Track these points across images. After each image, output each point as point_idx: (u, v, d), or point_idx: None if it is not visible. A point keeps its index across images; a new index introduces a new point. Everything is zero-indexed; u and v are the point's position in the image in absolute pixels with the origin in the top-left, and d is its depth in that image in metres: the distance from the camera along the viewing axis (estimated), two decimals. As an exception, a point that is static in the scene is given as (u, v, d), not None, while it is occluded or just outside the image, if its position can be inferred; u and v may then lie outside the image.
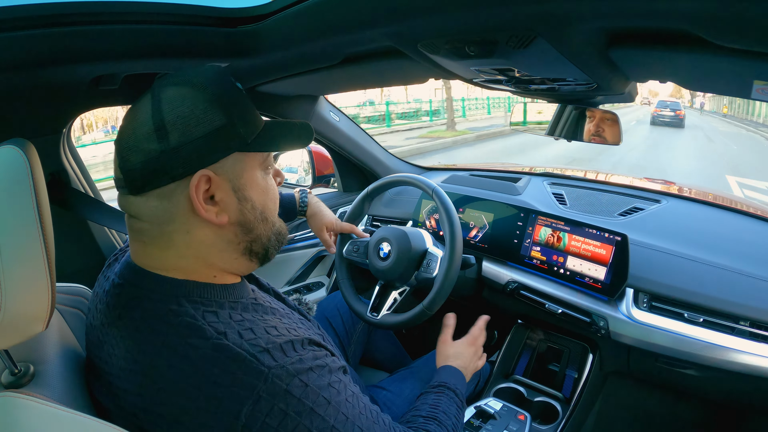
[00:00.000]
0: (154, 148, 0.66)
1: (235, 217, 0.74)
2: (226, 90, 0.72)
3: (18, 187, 0.56)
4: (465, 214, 1.76)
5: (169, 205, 0.69)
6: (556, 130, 1.51)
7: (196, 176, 0.68)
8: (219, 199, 0.72)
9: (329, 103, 1.95)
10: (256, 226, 0.77)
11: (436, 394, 1.08)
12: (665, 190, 1.78)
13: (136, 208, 0.71)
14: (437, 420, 0.98)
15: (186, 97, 0.68)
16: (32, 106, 1.09)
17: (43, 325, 0.61)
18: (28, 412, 0.58)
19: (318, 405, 0.67)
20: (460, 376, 1.18)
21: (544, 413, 1.51)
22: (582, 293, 1.47)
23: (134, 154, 0.67)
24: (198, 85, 0.70)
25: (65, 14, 0.78)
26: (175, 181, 0.68)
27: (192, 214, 0.70)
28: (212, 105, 0.69)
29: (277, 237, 0.83)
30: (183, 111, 0.67)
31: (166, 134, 0.66)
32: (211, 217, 0.71)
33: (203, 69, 0.74)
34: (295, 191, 1.48)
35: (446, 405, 1.04)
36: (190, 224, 0.71)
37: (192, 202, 0.69)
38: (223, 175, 0.71)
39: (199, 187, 0.68)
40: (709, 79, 0.92)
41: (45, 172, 0.62)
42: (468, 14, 0.73)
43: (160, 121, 0.67)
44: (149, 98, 0.69)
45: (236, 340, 0.66)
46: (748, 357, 1.19)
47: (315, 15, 0.86)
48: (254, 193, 0.76)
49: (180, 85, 0.70)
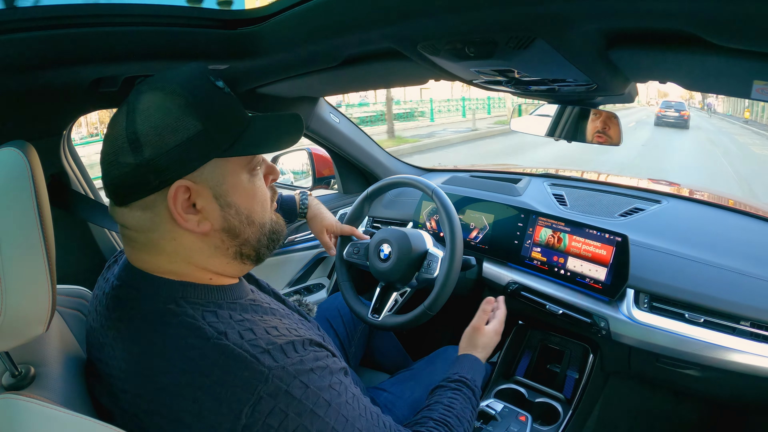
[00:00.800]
0: (130, 162, 0.66)
1: (218, 224, 0.73)
2: (201, 92, 0.70)
3: (18, 188, 0.56)
4: (465, 215, 1.76)
5: (152, 215, 0.69)
6: (557, 131, 1.51)
7: (173, 187, 0.67)
8: (200, 207, 0.70)
9: (329, 104, 1.95)
10: (243, 231, 0.76)
11: (453, 391, 1.04)
12: (666, 191, 1.78)
13: (122, 218, 0.71)
14: (448, 425, 0.94)
15: (159, 106, 0.67)
16: (33, 108, 1.09)
17: (44, 327, 0.61)
18: (28, 413, 0.58)
19: (318, 406, 0.67)
20: (481, 369, 1.15)
21: (545, 414, 1.51)
22: (582, 294, 1.46)
23: (113, 167, 0.67)
24: (171, 91, 0.68)
25: (66, 16, 0.78)
26: (154, 192, 0.67)
27: (175, 222, 0.69)
28: (186, 112, 0.67)
29: (270, 236, 0.81)
30: (156, 121, 0.66)
31: (140, 147, 0.65)
32: (192, 227, 0.70)
33: (180, 71, 0.72)
34: (295, 193, 1.48)
35: (461, 407, 1.00)
36: (174, 233, 0.70)
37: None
38: (202, 183, 0.70)
39: (177, 198, 0.68)
40: (708, 79, 0.92)
41: (45, 174, 0.62)
42: (468, 16, 0.74)
43: (133, 133, 0.66)
44: (125, 108, 0.68)
45: (237, 341, 0.66)
46: (749, 357, 1.19)
47: (314, 17, 0.86)
48: (238, 198, 0.74)
49: (154, 92, 0.68)
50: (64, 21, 0.78)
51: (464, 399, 1.03)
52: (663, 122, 21.63)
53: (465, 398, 1.03)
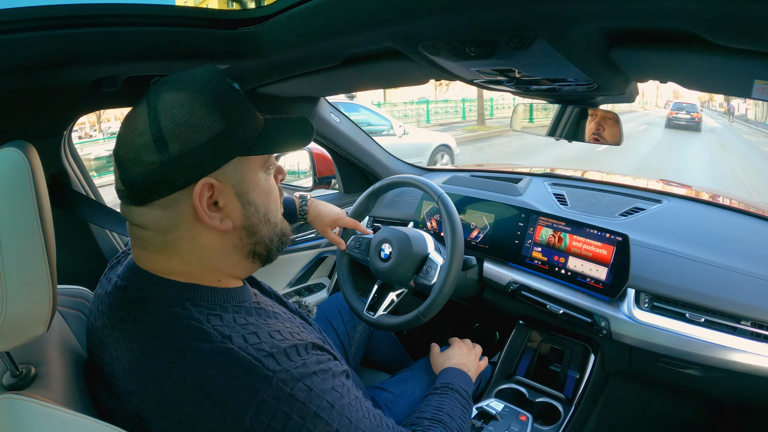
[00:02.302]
0: (155, 160, 0.66)
1: (239, 222, 0.74)
2: (224, 93, 0.71)
3: (19, 188, 0.56)
4: (466, 214, 1.76)
5: (173, 214, 0.69)
6: (557, 131, 1.51)
7: (199, 185, 0.67)
8: (223, 205, 0.71)
9: (330, 104, 1.95)
10: (260, 229, 0.77)
11: (440, 395, 1.08)
12: (666, 190, 1.77)
13: (140, 218, 0.70)
14: (441, 422, 0.98)
15: (183, 104, 0.67)
16: (33, 108, 1.09)
17: (45, 326, 0.61)
18: (29, 413, 0.58)
19: (322, 409, 0.67)
20: (461, 374, 1.18)
21: (545, 414, 1.51)
22: (583, 294, 1.46)
23: (135, 165, 0.67)
24: (195, 90, 0.69)
25: (66, 17, 0.78)
26: (178, 191, 0.68)
27: (196, 221, 0.70)
28: (211, 110, 0.68)
29: (280, 238, 0.83)
30: (181, 119, 0.66)
31: (165, 144, 0.66)
32: (216, 224, 0.70)
33: (199, 71, 0.72)
34: (295, 196, 1.48)
35: (450, 406, 1.04)
36: (195, 232, 0.71)
37: (196, 210, 0.69)
38: (225, 181, 0.71)
39: (202, 195, 0.68)
40: (709, 78, 0.92)
41: (46, 173, 0.62)
42: (468, 15, 0.73)
43: (158, 131, 0.66)
44: (145, 106, 0.68)
45: (241, 344, 0.66)
46: (750, 357, 1.19)
47: (315, 17, 0.86)
48: (257, 196, 0.75)
49: (176, 91, 0.68)
50: (64, 21, 0.78)
51: (452, 400, 1.07)
52: (674, 125, 21.16)
53: (452, 399, 1.08)
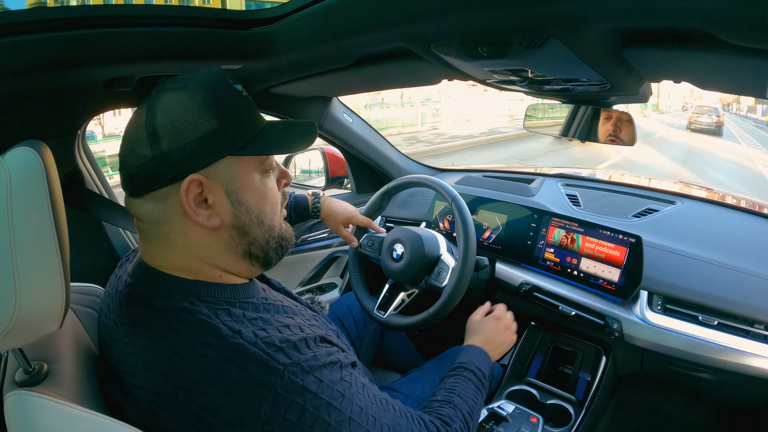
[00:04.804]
0: (147, 154, 0.68)
1: (229, 221, 0.74)
2: (221, 93, 0.72)
3: (33, 188, 0.57)
4: (478, 215, 1.76)
5: (165, 207, 0.71)
6: (570, 131, 1.51)
7: (186, 181, 0.69)
8: (212, 202, 0.72)
9: (342, 104, 1.96)
10: (252, 230, 0.77)
11: (454, 377, 1.08)
12: (680, 191, 1.75)
13: (136, 210, 0.73)
14: (451, 404, 0.98)
15: (180, 102, 0.69)
16: (47, 108, 1.10)
17: (57, 324, 0.62)
18: (42, 410, 0.59)
19: (334, 398, 0.69)
20: (480, 353, 1.18)
21: (556, 416, 1.50)
22: (596, 295, 1.45)
23: (131, 158, 0.70)
24: (192, 89, 0.70)
25: (80, 17, 0.79)
26: (168, 185, 0.69)
27: (185, 216, 0.71)
28: (204, 109, 0.70)
29: (279, 242, 0.83)
30: (175, 116, 0.68)
31: (157, 139, 0.68)
32: (203, 221, 0.71)
33: (200, 72, 0.74)
34: (307, 193, 1.48)
35: (462, 387, 1.04)
36: (185, 226, 0.72)
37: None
38: (215, 179, 0.71)
39: (189, 191, 0.69)
40: (723, 78, 0.91)
41: (60, 173, 0.63)
42: (481, 15, 0.73)
43: (152, 126, 0.68)
44: (146, 105, 0.70)
45: (251, 339, 0.67)
46: (763, 361, 1.18)
47: (328, 17, 0.86)
48: (250, 197, 0.76)
49: (175, 90, 0.71)
50: (78, 22, 0.79)
51: (465, 380, 1.07)
52: (695, 128, 20.35)
53: (465, 380, 1.07)
